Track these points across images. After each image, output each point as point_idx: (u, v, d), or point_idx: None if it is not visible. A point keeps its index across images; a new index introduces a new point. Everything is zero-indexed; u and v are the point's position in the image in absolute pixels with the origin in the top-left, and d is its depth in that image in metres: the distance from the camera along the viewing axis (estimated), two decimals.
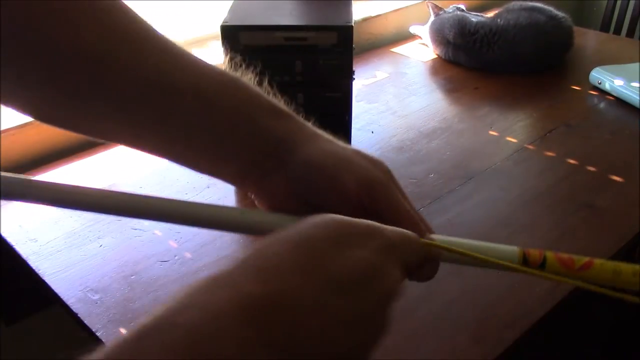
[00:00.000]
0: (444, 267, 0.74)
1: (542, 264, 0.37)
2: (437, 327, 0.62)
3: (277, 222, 0.36)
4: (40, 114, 0.37)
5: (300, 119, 0.39)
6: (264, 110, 0.37)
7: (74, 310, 0.64)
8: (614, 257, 0.73)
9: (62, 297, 0.66)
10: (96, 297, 0.65)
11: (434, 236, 0.38)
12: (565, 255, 0.37)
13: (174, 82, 0.35)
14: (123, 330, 0.61)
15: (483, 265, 0.37)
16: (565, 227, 0.77)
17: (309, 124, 0.39)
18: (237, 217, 0.37)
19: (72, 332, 0.72)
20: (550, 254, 0.37)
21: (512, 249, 0.37)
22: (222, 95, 0.36)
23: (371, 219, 0.34)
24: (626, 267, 0.37)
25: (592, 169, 0.90)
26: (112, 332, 0.61)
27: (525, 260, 0.37)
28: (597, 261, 0.37)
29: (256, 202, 0.40)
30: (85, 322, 0.62)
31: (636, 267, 0.37)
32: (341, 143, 0.38)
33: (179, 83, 0.35)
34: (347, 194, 0.36)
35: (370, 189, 0.36)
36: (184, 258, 0.71)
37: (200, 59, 0.37)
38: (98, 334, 0.61)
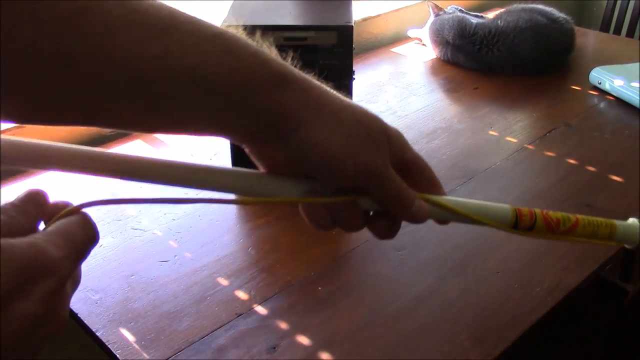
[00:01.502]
0: (443, 267, 0.75)
1: (532, 226, 0.40)
2: (437, 327, 0.62)
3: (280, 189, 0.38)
4: (27, 116, 0.33)
5: (306, 83, 0.37)
6: (266, 82, 0.35)
7: (74, 310, 0.64)
8: (613, 258, 0.73)
9: None
10: (96, 297, 0.65)
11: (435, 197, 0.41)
12: (552, 218, 0.41)
13: (168, 70, 0.32)
14: (123, 330, 0.61)
15: (477, 224, 0.40)
16: None
17: (316, 90, 0.37)
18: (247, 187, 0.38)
19: (72, 332, 0.72)
20: (539, 217, 0.40)
21: (506, 209, 0.40)
22: (221, 73, 0.33)
23: (365, 197, 0.38)
24: (603, 231, 0.43)
25: (592, 169, 0.90)
26: (112, 332, 0.61)
27: (516, 220, 0.40)
28: (581, 224, 0.42)
29: (252, 159, 0.40)
30: (85, 322, 0.62)
31: (612, 229, 0.43)
32: (344, 110, 0.37)
33: (175, 70, 0.32)
34: (344, 179, 0.37)
35: (367, 176, 0.37)
36: (184, 258, 0.71)
37: (198, 24, 0.34)
38: (98, 334, 0.61)
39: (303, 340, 0.60)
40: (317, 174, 0.37)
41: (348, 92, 0.83)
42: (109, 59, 0.30)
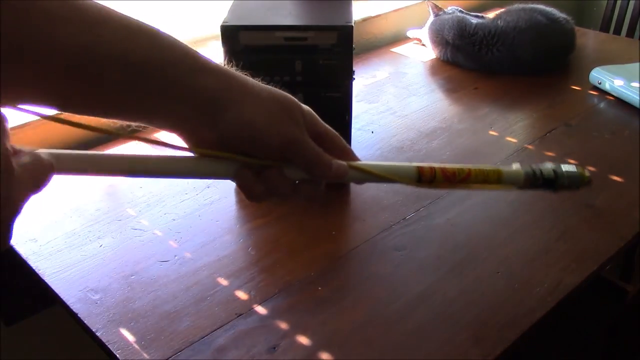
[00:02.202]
0: (443, 267, 0.75)
1: (432, 179, 0.46)
2: (437, 327, 0.62)
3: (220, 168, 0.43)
4: None
5: (228, 71, 0.41)
6: (191, 70, 0.39)
7: (74, 310, 0.64)
8: (614, 257, 0.73)
9: (62, 297, 0.66)
10: (96, 297, 0.65)
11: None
12: (449, 171, 0.46)
13: (101, 57, 0.36)
14: (123, 330, 0.61)
15: (388, 182, 0.46)
16: (565, 227, 0.77)
17: (237, 76, 0.42)
18: (192, 167, 0.42)
19: (72, 332, 0.72)
20: (438, 171, 0.46)
21: (410, 167, 0.46)
22: (149, 62, 0.38)
23: (291, 166, 0.43)
24: (492, 177, 0.48)
25: (592, 169, 0.90)
26: (112, 332, 0.61)
27: (419, 176, 0.46)
28: (473, 173, 0.47)
29: (187, 146, 0.43)
30: (85, 322, 0.62)
31: (500, 174, 0.49)
32: (263, 91, 0.42)
33: (108, 57, 0.36)
34: (271, 150, 0.42)
35: (289, 146, 0.42)
36: (184, 258, 0.71)
37: (128, 20, 0.38)
38: (98, 334, 0.61)
39: (303, 340, 0.60)
40: (248, 150, 0.42)
41: (348, 92, 0.83)
42: (51, 47, 0.34)
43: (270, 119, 0.41)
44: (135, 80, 0.38)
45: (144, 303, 0.65)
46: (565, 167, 0.51)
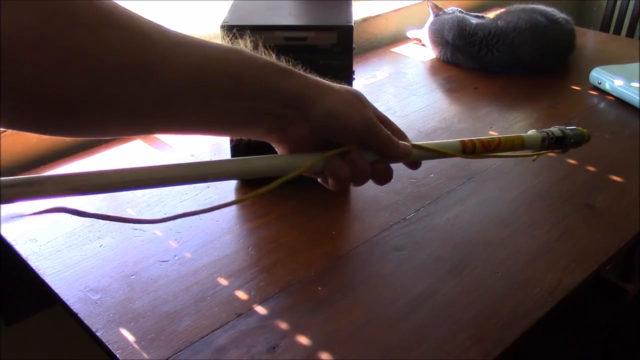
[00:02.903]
0: (443, 267, 0.74)
1: (474, 150, 0.54)
2: (437, 327, 0.62)
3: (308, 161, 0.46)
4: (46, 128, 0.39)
5: (301, 72, 0.47)
6: (276, 74, 0.44)
7: (74, 310, 0.64)
8: (614, 257, 0.73)
9: (62, 297, 0.66)
10: (96, 297, 0.65)
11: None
12: (485, 140, 0.55)
13: (210, 73, 0.41)
14: (123, 330, 0.61)
15: (440, 157, 0.53)
16: (565, 227, 0.77)
17: (309, 76, 0.47)
18: (285, 165, 0.46)
19: (72, 332, 0.72)
20: (477, 142, 0.54)
21: (456, 142, 0.53)
22: (244, 72, 0.42)
23: (365, 150, 0.48)
24: (517, 142, 0.57)
25: (592, 168, 0.90)
26: (112, 332, 0.61)
27: (464, 148, 0.53)
28: (503, 141, 0.56)
29: (277, 149, 0.49)
30: (85, 322, 0.62)
31: (522, 140, 0.58)
32: (335, 85, 0.48)
33: (214, 72, 0.41)
34: (355, 132, 0.47)
35: (368, 129, 0.48)
36: (183, 258, 0.72)
37: (206, 41, 0.42)
38: (98, 334, 0.61)
39: (303, 340, 0.60)
40: (334, 137, 0.47)
41: None
42: (171, 67, 0.39)
43: (350, 106, 0.47)
44: (237, 90, 0.42)
45: (144, 303, 0.65)
46: (568, 127, 0.61)
